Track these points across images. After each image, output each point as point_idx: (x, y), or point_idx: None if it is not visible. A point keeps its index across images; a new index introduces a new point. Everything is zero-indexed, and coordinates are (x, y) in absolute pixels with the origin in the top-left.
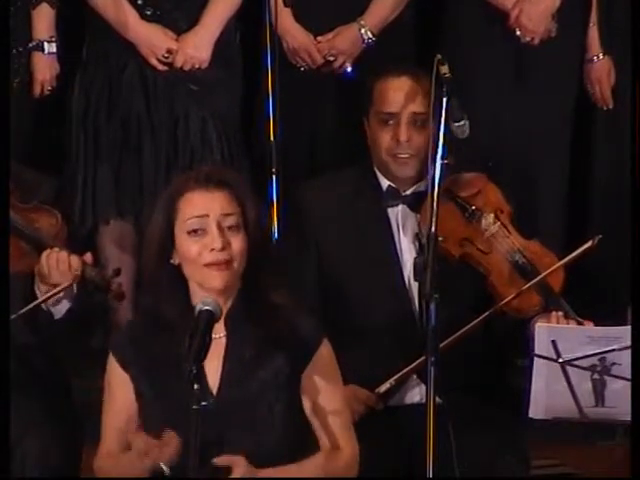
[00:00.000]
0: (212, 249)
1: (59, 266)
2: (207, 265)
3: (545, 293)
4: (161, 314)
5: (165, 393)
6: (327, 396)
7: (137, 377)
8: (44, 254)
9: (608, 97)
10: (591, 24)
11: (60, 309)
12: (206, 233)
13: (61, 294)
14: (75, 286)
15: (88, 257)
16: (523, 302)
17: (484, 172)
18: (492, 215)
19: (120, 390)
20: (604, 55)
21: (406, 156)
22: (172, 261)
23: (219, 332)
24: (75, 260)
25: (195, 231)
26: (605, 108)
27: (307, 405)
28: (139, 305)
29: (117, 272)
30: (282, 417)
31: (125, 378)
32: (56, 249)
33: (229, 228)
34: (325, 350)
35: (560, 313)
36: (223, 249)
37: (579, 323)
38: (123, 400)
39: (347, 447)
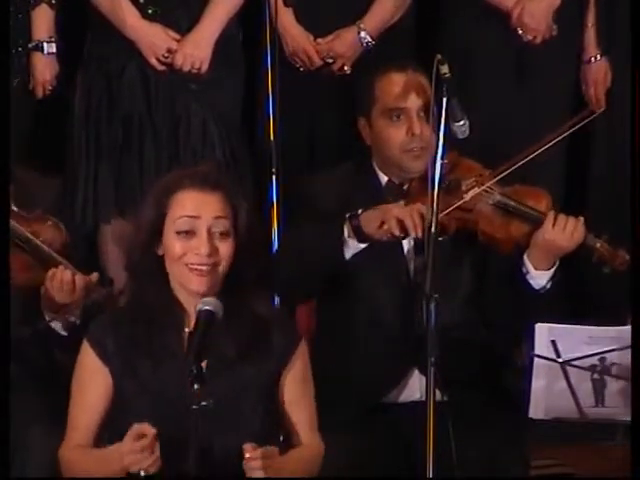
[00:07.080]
0: (197, 253)
1: (63, 287)
2: (189, 266)
3: (531, 218)
4: (144, 302)
5: (148, 387)
6: (301, 393)
7: (119, 371)
8: (49, 275)
9: (601, 99)
10: (589, 25)
11: (64, 328)
12: (194, 235)
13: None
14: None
15: (94, 277)
16: (510, 233)
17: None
18: (472, 179)
19: (95, 383)
20: (601, 56)
21: (419, 149)
22: (157, 251)
23: None
24: (80, 280)
25: (184, 232)
26: (597, 111)
27: (284, 401)
28: (124, 293)
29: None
30: (263, 415)
31: (103, 372)
32: (61, 268)
33: (219, 234)
34: (303, 348)
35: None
36: (209, 255)
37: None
38: (98, 395)
39: (313, 444)
